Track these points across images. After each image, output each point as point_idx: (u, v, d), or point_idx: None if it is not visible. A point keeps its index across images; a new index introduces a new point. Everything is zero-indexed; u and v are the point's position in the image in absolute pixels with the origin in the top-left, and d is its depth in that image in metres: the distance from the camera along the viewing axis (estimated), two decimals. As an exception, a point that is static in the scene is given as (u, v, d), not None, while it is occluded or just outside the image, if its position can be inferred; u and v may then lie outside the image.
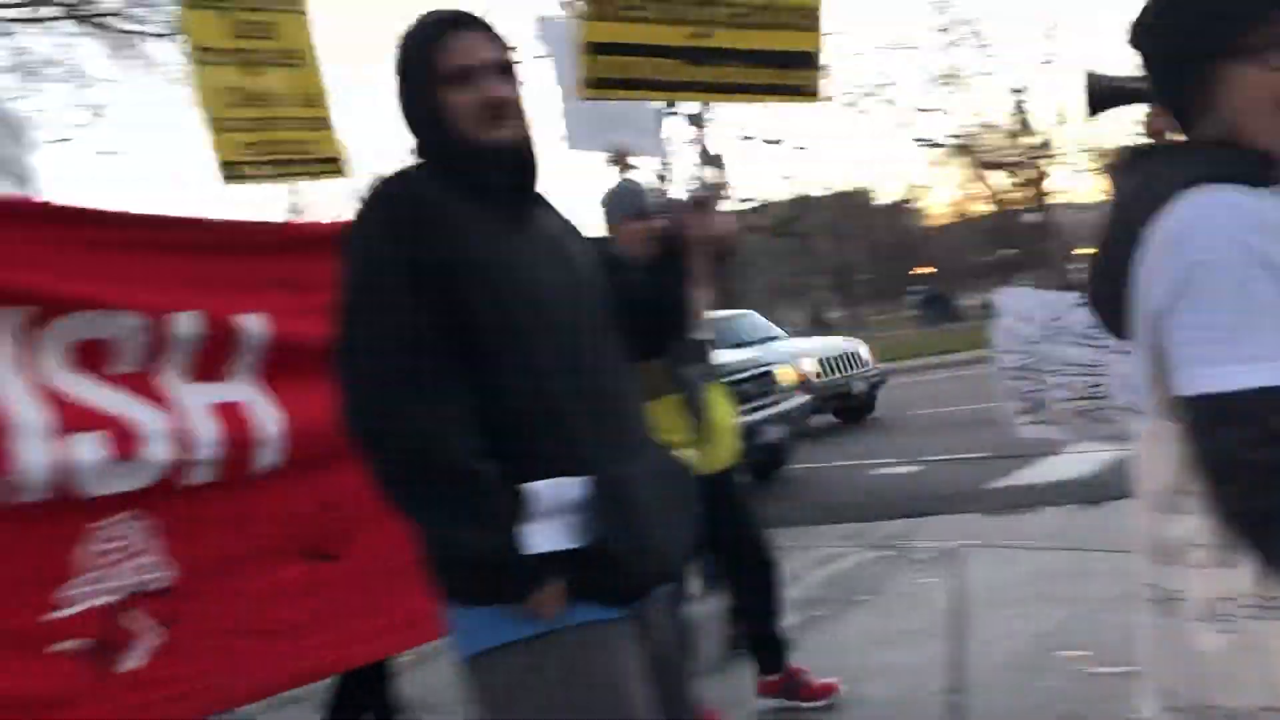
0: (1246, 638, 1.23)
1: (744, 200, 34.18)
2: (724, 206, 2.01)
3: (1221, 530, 1.22)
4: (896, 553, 5.66)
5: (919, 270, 52.73)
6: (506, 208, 1.80)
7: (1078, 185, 52.66)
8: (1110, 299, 1.37)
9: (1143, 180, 1.32)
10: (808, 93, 2.10)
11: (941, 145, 44.63)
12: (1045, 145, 41.78)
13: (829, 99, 2.36)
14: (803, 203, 39.98)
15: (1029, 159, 42.20)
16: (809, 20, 2.02)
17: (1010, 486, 7.28)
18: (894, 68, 43.50)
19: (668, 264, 1.99)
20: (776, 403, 8.91)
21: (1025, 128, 41.71)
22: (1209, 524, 1.23)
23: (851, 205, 47.88)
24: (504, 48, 1.82)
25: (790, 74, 2.04)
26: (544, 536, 1.67)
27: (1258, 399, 1.17)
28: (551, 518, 1.68)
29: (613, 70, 1.95)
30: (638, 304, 1.96)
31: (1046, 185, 43.03)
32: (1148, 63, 1.38)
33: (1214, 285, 1.20)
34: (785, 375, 9.51)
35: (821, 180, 43.55)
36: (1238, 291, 1.19)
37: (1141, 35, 1.38)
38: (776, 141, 33.08)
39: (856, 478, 8.91)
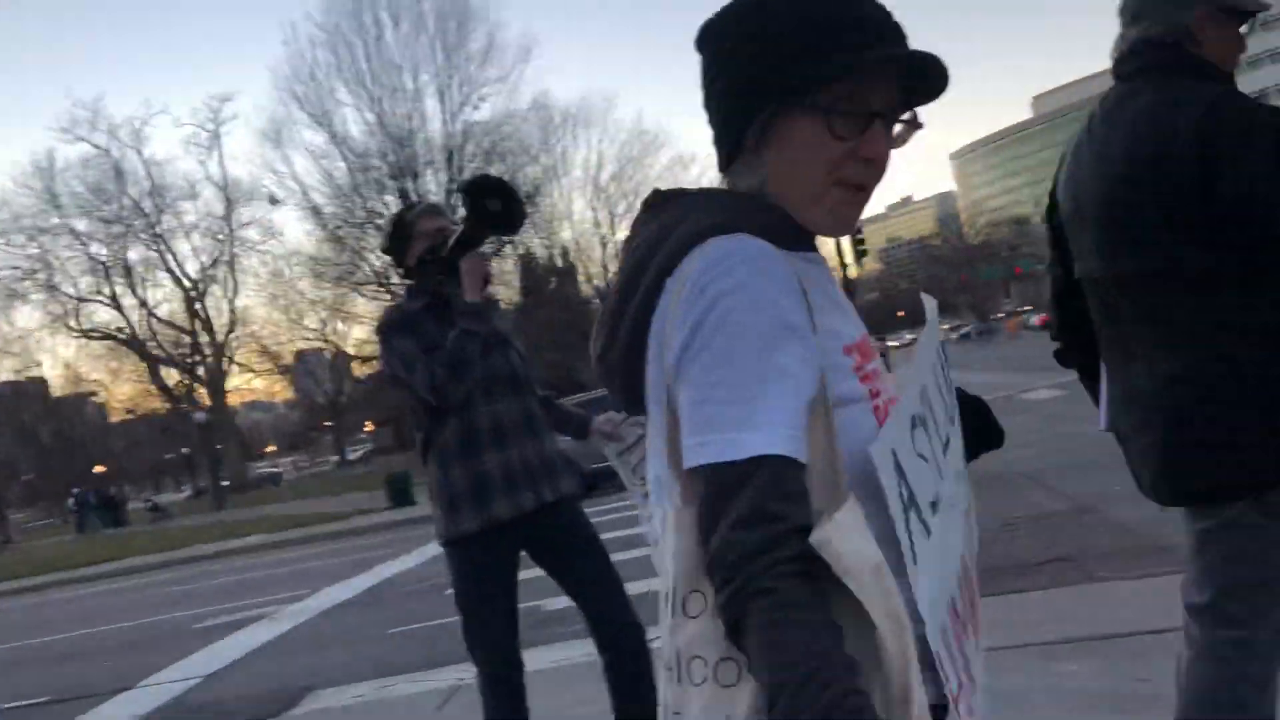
0: None
1: None
2: None
3: (723, 635, 0.99)
4: None
5: (97, 469, 48.94)
6: None
7: (254, 384, 54.00)
8: (622, 366, 1.19)
9: (662, 227, 1.17)
10: None
11: (110, 337, 42.49)
12: (221, 344, 42.15)
13: None
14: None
15: (203, 357, 42.10)
16: None
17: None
18: (56, 253, 40.60)
19: None
20: None
21: (200, 325, 41.72)
22: (711, 629, 1.00)
23: (13, 398, 43.30)
24: None
25: None
26: None
27: (760, 470, 0.99)
28: None
29: None
30: None
31: (222, 384, 43.19)
32: (715, 87, 1.22)
33: (730, 340, 1.04)
34: None
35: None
36: (755, 349, 1.04)
37: (723, 57, 1.20)
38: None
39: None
